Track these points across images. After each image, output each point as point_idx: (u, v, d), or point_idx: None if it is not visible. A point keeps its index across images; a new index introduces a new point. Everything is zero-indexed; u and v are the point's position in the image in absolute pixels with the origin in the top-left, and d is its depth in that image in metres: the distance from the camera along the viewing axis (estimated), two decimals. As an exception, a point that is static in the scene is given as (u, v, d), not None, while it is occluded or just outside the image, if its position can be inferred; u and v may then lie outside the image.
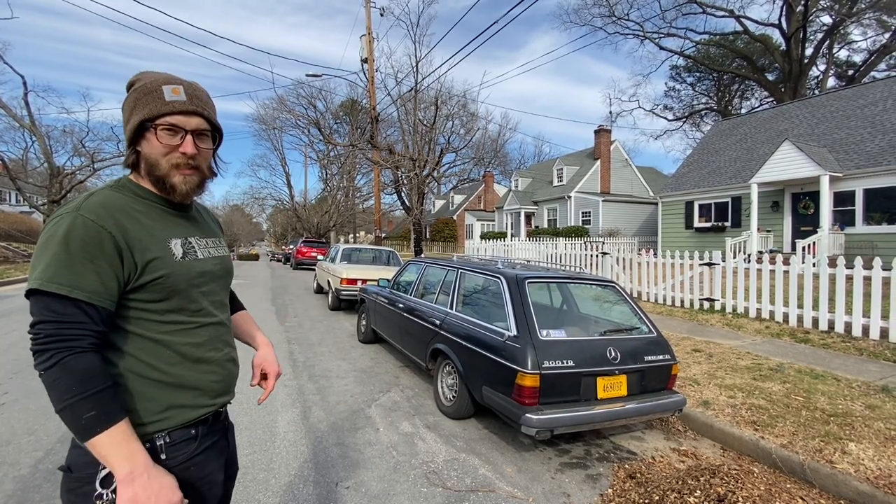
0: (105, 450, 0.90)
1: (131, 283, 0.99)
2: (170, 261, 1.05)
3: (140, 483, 0.91)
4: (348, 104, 33.77)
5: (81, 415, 0.88)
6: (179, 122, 1.05)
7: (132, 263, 0.99)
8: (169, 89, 1.05)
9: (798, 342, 6.01)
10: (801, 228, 14.59)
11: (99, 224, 0.96)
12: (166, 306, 1.05)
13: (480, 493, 2.70)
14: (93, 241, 0.94)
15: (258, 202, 47.67)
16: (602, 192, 25.84)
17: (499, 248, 17.61)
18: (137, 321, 1.02)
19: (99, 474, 0.94)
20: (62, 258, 0.92)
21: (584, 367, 3.17)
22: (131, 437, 0.93)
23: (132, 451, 0.92)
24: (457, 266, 4.51)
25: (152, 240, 1.04)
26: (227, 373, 1.19)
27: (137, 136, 1.05)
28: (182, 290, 1.07)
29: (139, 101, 1.05)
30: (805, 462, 2.94)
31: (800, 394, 4.10)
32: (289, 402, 4.00)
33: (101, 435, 0.89)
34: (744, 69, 30.85)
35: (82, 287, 0.92)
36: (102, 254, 0.95)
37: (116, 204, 1.02)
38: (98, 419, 0.89)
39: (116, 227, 0.98)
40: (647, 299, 9.25)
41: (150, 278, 1.01)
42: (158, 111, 1.03)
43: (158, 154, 1.05)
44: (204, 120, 1.10)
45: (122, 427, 0.92)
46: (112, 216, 0.98)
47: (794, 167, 13.53)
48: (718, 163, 18.36)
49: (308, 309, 9.42)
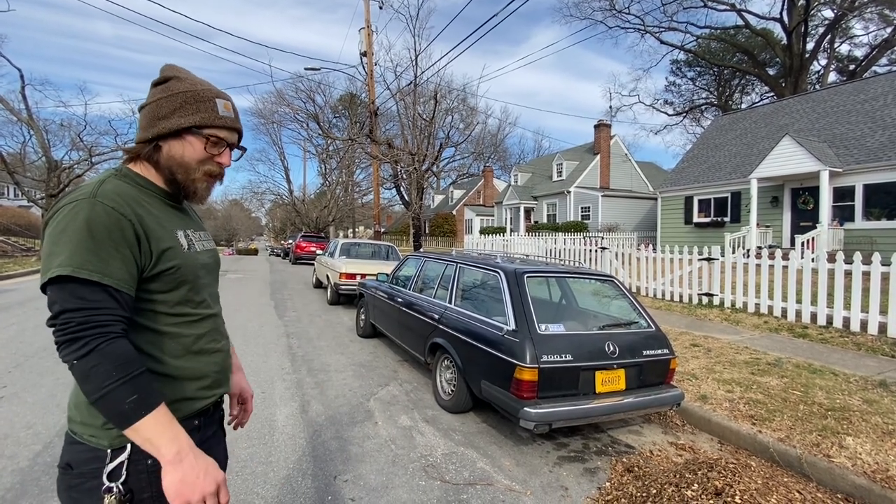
0: (150, 433, 0.90)
1: (147, 271, 0.99)
2: (180, 251, 1.06)
3: (188, 463, 0.92)
4: (347, 98, 33.63)
5: (124, 400, 0.88)
6: (226, 137, 1.11)
7: (149, 252, 0.99)
8: (221, 104, 1.10)
9: (796, 337, 6.03)
10: (800, 224, 14.58)
11: (119, 211, 0.95)
12: (176, 297, 1.05)
13: (478, 486, 2.71)
14: (115, 227, 0.94)
15: (257, 196, 47.58)
16: (601, 187, 25.80)
17: (498, 243, 17.61)
18: (147, 313, 1.01)
19: (106, 468, 0.94)
20: (88, 244, 0.90)
21: (583, 362, 3.17)
22: (172, 419, 0.94)
23: (176, 432, 0.93)
24: (455, 261, 4.50)
25: (163, 230, 1.04)
26: (225, 364, 1.20)
27: (174, 135, 1.06)
28: (190, 282, 1.08)
29: (189, 104, 1.06)
30: (802, 456, 2.95)
31: (798, 388, 4.12)
32: (287, 396, 4.00)
33: (145, 419, 0.89)
34: (745, 64, 30.75)
35: (111, 274, 0.92)
36: (125, 240, 0.95)
37: (129, 193, 1.01)
38: (141, 403, 0.89)
39: (134, 215, 0.98)
40: (646, 294, 9.26)
41: (163, 268, 1.01)
42: (211, 122, 1.07)
43: (195, 159, 1.07)
44: (238, 138, 1.16)
45: (163, 409, 0.92)
46: (129, 204, 0.98)
47: (794, 162, 13.50)
48: (718, 158, 18.32)
49: (307, 303, 9.42)
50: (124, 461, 0.95)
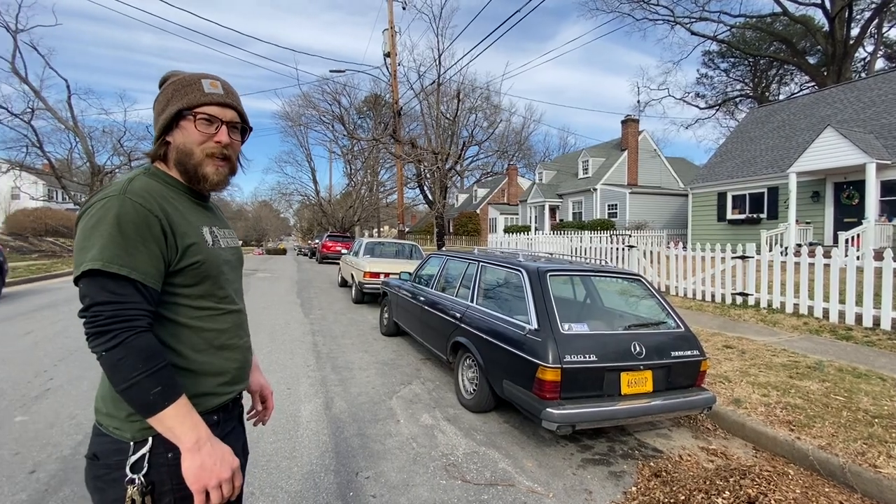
0: (172, 422, 0.94)
1: (173, 266, 1.02)
2: (204, 247, 1.09)
3: (206, 451, 0.96)
4: (372, 99, 33.96)
5: (149, 391, 0.92)
6: (217, 113, 1.11)
7: (174, 247, 1.02)
8: (207, 82, 1.12)
9: (839, 339, 5.71)
10: (844, 220, 13.83)
11: (146, 207, 0.98)
12: (199, 291, 1.08)
13: (500, 486, 2.67)
14: (143, 223, 0.97)
15: (285, 197, 48.70)
16: (629, 184, 25.16)
17: (521, 242, 17.42)
18: (171, 306, 1.04)
19: (129, 460, 0.97)
20: (118, 240, 0.94)
21: (608, 362, 3.09)
22: (192, 409, 0.98)
23: (195, 422, 0.97)
24: (477, 259, 4.47)
25: (189, 226, 1.07)
26: (246, 360, 1.21)
27: (171, 125, 1.08)
28: (213, 277, 1.10)
29: (177, 91, 1.09)
30: (846, 465, 2.79)
31: (840, 393, 3.89)
32: (312, 393, 4.06)
33: (167, 409, 0.93)
34: (783, 53, 29.35)
35: (138, 268, 0.95)
36: (152, 236, 0.98)
37: (157, 189, 1.04)
38: (164, 394, 0.93)
39: (161, 211, 1.01)
40: (675, 294, 8.97)
41: (188, 262, 1.04)
42: (198, 101, 1.09)
43: (193, 142, 1.09)
44: (237, 114, 1.16)
45: (184, 400, 0.96)
46: (156, 200, 1.01)
47: (837, 155, 12.81)
48: (754, 151, 17.58)
49: (332, 302, 9.57)
50: (146, 454, 0.97)
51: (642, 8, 28.07)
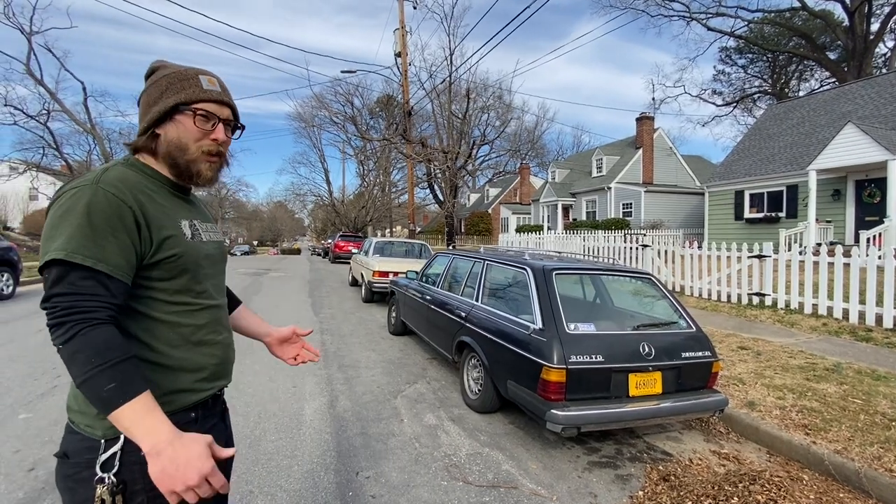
0: (128, 422, 0.88)
1: (147, 259, 1.00)
2: (182, 240, 1.06)
3: (166, 456, 0.89)
4: (384, 99, 34.07)
5: (103, 387, 0.86)
6: (215, 111, 1.09)
7: (149, 239, 0.99)
8: (205, 79, 1.10)
9: (859, 340, 5.53)
10: (865, 218, 13.41)
11: (119, 198, 0.96)
12: (175, 286, 1.05)
13: (502, 489, 2.63)
14: (115, 214, 0.94)
15: (299, 198, 49.16)
16: (644, 183, 24.78)
17: (531, 241, 17.28)
18: (146, 300, 1.02)
19: (99, 458, 0.94)
20: (85, 230, 0.91)
21: (615, 363, 3.02)
22: (154, 408, 0.91)
23: (155, 422, 0.90)
24: (483, 258, 4.43)
25: (166, 218, 1.04)
26: (226, 356, 1.19)
27: (165, 118, 1.06)
28: (191, 271, 1.07)
29: (173, 84, 1.07)
30: (862, 470, 2.68)
31: (858, 396, 3.76)
32: (317, 391, 4.07)
33: (122, 407, 0.87)
34: (802, 48, 28.62)
35: (106, 260, 0.92)
36: (124, 228, 0.95)
37: (132, 180, 1.02)
38: (119, 391, 0.87)
39: (135, 202, 0.98)
40: (690, 294, 8.79)
41: (164, 256, 1.01)
42: (197, 96, 1.06)
43: (189, 138, 1.07)
44: (231, 112, 1.15)
45: (144, 399, 0.90)
46: (130, 191, 0.99)
47: (858, 152, 12.43)
48: (772, 149, 17.17)
49: (342, 301, 9.60)
50: (117, 452, 0.94)
51: (657, 4, 27.64)
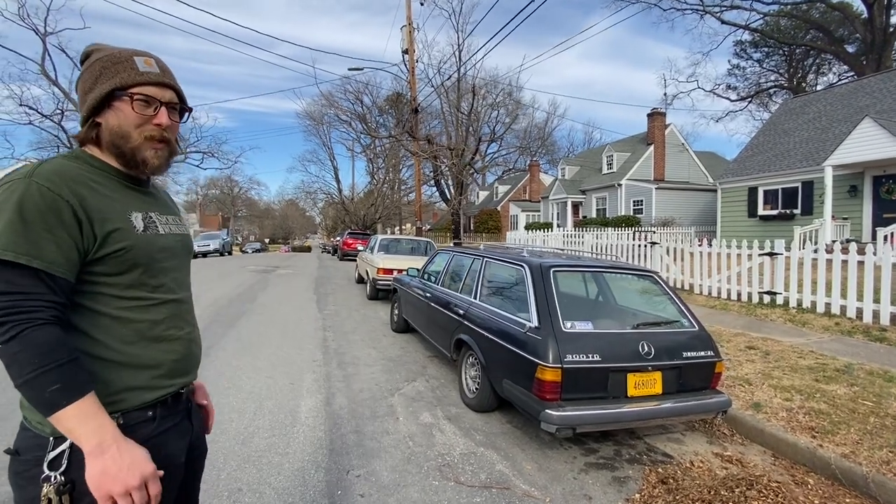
0: (71, 423, 0.87)
1: (91, 254, 0.96)
2: (131, 233, 1.02)
3: (110, 455, 0.88)
4: (393, 97, 34.06)
5: (45, 388, 0.85)
6: (154, 94, 1.03)
7: (91, 234, 0.95)
8: (141, 60, 1.04)
9: (872, 340, 5.35)
10: (883, 215, 13.03)
11: (55, 192, 0.92)
12: (126, 280, 1.01)
13: (494, 490, 2.58)
14: (50, 209, 0.90)
15: (310, 196, 49.45)
16: (655, 180, 24.41)
17: (538, 238, 17.13)
18: (95, 296, 0.98)
19: (47, 457, 0.92)
20: (17, 226, 0.87)
21: (613, 362, 2.95)
22: (99, 409, 0.90)
23: (100, 423, 0.89)
24: (482, 255, 4.37)
25: (112, 211, 1.00)
26: (188, 352, 1.15)
27: (102, 106, 1.02)
28: (143, 265, 1.03)
29: (107, 69, 1.02)
30: (869, 475, 2.58)
31: (869, 398, 3.63)
32: (314, 388, 4.05)
33: (67, 408, 0.86)
34: (819, 41, 27.92)
35: (41, 256, 0.88)
36: (61, 223, 0.91)
37: (71, 173, 0.98)
38: (63, 392, 0.86)
39: (74, 196, 0.94)
40: (699, 292, 8.62)
41: (110, 250, 0.97)
42: (132, 80, 1.01)
43: (130, 125, 1.02)
44: (175, 94, 1.09)
45: (89, 400, 0.89)
46: (67, 185, 0.95)
47: (875, 147, 12.06)
48: (787, 144, 16.77)
49: (347, 298, 9.62)
50: (66, 450, 0.92)
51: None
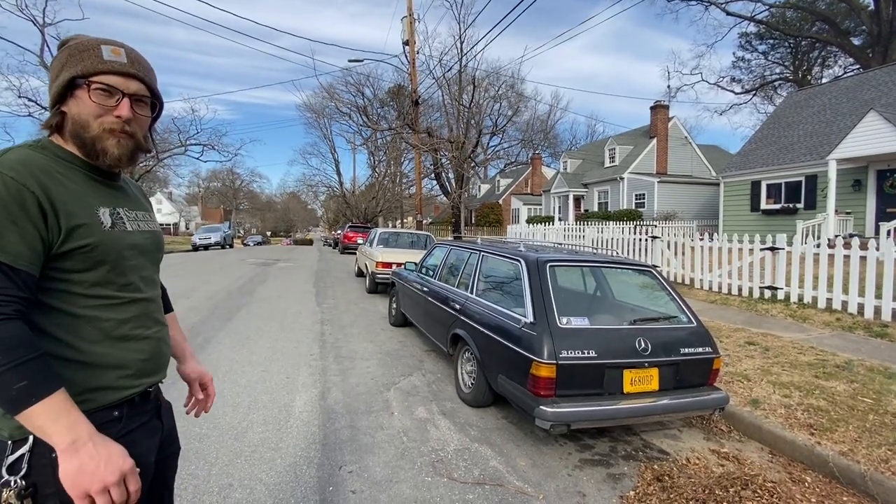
0: (42, 421, 0.84)
1: (55, 249, 0.92)
2: (98, 229, 0.98)
3: (86, 452, 0.86)
4: (395, 89, 33.83)
5: (12, 386, 0.82)
6: (117, 84, 1.00)
7: (56, 227, 0.92)
8: (108, 49, 1.01)
9: (873, 336, 5.31)
10: (886, 210, 12.92)
11: (20, 182, 0.88)
12: (92, 278, 0.98)
13: (487, 486, 2.56)
14: (13, 199, 0.87)
15: (311, 189, 49.36)
16: (658, 173, 24.25)
17: (538, 232, 17.07)
18: (58, 294, 0.95)
19: (5, 461, 0.88)
20: None
21: (609, 358, 2.92)
22: (71, 406, 0.87)
23: (73, 419, 0.86)
24: (478, 249, 4.33)
25: (78, 205, 0.96)
26: (156, 352, 1.11)
27: (65, 94, 0.99)
28: (110, 262, 1.00)
29: (73, 56, 0.99)
30: (867, 473, 2.55)
31: (869, 395, 3.59)
32: (310, 382, 4.03)
33: (36, 405, 0.83)
34: (825, 34, 27.55)
35: (5, 249, 0.85)
36: (25, 214, 0.88)
37: (37, 163, 0.94)
38: (31, 389, 0.83)
39: (39, 187, 0.90)
40: (700, 287, 8.57)
41: (75, 246, 0.94)
42: (94, 68, 0.98)
43: (89, 115, 0.98)
44: (144, 86, 1.05)
45: (60, 396, 0.86)
46: (33, 175, 0.91)
47: (880, 140, 11.92)
48: (791, 138, 16.61)
49: (346, 292, 9.60)
50: (25, 454, 0.89)
51: (674, -12, 26.76)
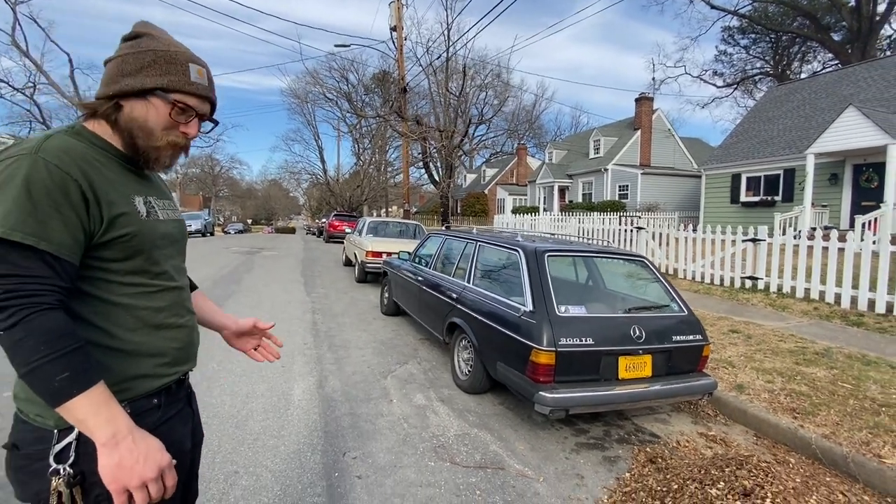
0: (83, 413, 0.83)
1: (96, 237, 0.91)
2: (136, 218, 0.97)
3: (125, 446, 0.85)
4: (380, 76, 33.35)
5: (54, 377, 0.80)
6: (196, 106, 1.03)
7: (98, 217, 0.90)
8: (195, 69, 1.02)
9: (850, 325, 5.55)
10: (861, 203, 13.39)
11: (64, 170, 0.86)
12: (129, 267, 0.97)
13: (489, 469, 2.62)
14: (58, 188, 0.85)
15: (294, 176, 48.55)
16: (641, 165, 24.60)
17: (526, 222, 17.21)
18: (97, 282, 0.94)
19: (53, 449, 0.88)
20: (24, 205, 0.82)
21: (605, 346, 2.99)
22: (111, 398, 0.87)
23: (113, 413, 0.86)
24: (475, 239, 4.36)
25: (117, 194, 0.95)
26: (189, 340, 1.12)
27: (138, 95, 0.97)
28: (146, 251, 0.99)
29: (158, 64, 0.98)
30: (849, 454, 2.69)
31: (848, 381, 3.77)
32: (306, 371, 4.03)
33: (78, 398, 0.82)
34: (806, 29, 28.14)
35: (49, 238, 0.83)
36: (69, 203, 0.86)
37: (78, 151, 0.92)
38: (74, 381, 0.82)
39: (82, 176, 0.89)
40: (683, 277, 8.80)
41: (115, 235, 0.93)
42: (181, 87, 0.99)
43: (158, 126, 0.99)
44: (210, 108, 1.08)
45: (100, 388, 0.85)
46: (76, 163, 0.89)
47: (858, 135, 12.31)
48: (771, 132, 17.02)
49: (335, 281, 9.55)
50: (72, 442, 0.88)
51: (660, -20, 26.92)
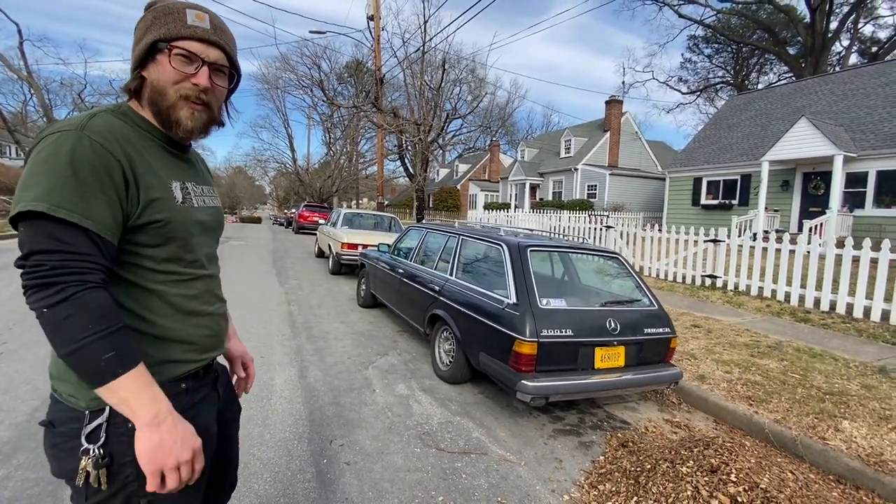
0: (126, 393, 0.83)
1: (131, 221, 0.91)
2: (171, 204, 0.97)
3: (166, 427, 0.86)
4: (353, 65, 32.77)
5: (100, 356, 0.80)
6: (198, 51, 0.97)
7: (136, 199, 0.90)
8: (193, 13, 0.97)
9: (798, 321, 6.00)
10: (809, 209, 14.36)
11: (107, 149, 0.86)
12: (163, 253, 0.97)
13: (473, 455, 2.72)
14: (102, 166, 0.85)
15: (260, 164, 47.07)
16: (610, 166, 25.39)
17: (501, 218, 17.47)
18: (131, 267, 0.94)
19: (84, 429, 0.89)
20: (70, 181, 0.81)
21: (583, 337, 3.14)
22: (151, 379, 0.87)
23: (155, 394, 0.87)
24: (458, 233, 4.44)
25: (155, 178, 0.95)
26: (218, 328, 1.13)
27: (147, 58, 0.96)
28: (181, 239, 0.99)
29: (157, 20, 0.96)
30: (798, 438, 2.95)
31: (797, 371, 4.10)
32: (286, 362, 4.01)
33: (122, 377, 0.82)
34: (765, 41, 29.69)
35: (93, 216, 0.83)
36: (111, 182, 0.86)
37: (121, 131, 0.92)
38: (119, 360, 0.82)
39: (124, 156, 0.89)
40: (648, 274, 9.21)
41: (150, 220, 0.93)
42: (177, 33, 0.95)
43: (167, 81, 0.96)
44: (224, 55, 1.02)
45: (142, 369, 0.86)
46: (119, 143, 0.89)
47: (808, 146, 13.18)
48: (730, 139, 17.93)
49: (308, 272, 9.42)
50: (103, 423, 0.89)
51: (632, -14, 27.70)
